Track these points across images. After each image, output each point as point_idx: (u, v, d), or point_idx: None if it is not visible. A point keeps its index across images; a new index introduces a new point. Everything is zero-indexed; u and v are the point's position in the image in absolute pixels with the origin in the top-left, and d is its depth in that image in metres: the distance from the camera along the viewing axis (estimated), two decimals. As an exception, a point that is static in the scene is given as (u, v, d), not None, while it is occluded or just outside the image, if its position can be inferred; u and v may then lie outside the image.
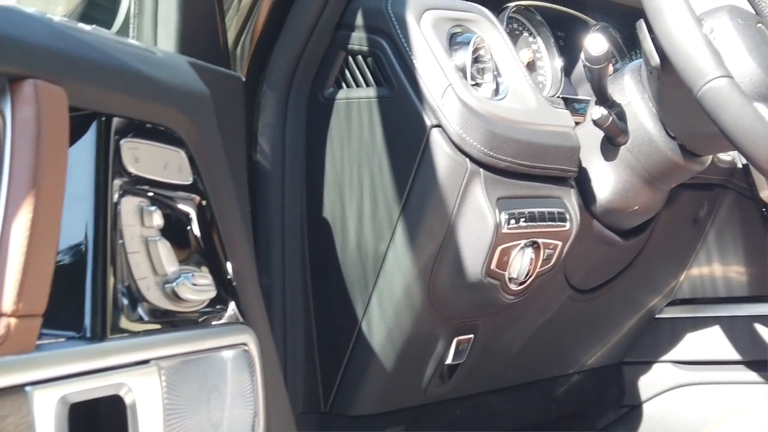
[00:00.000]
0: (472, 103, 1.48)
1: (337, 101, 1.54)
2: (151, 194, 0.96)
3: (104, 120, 0.91)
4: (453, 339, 1.63)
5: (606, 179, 1.70)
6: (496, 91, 1.56)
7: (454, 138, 1.47)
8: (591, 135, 1.69)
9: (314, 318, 1.57)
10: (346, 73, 1.54)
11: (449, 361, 1.65)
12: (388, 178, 1.51)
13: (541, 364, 1.97)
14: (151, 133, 0.97)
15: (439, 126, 1.47)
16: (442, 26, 1.52)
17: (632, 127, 1.68)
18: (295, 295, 1.55)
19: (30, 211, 0.77)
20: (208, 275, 1.02)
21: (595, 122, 1.65)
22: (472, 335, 1.66)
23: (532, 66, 1.77)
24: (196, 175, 1.03)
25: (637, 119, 1.67)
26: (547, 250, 1.58)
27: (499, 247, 1.51)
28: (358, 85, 1.53)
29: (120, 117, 0.93)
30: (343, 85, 1.54)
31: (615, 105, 1.67)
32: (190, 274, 0.97)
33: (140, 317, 0.92)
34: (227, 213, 1.07)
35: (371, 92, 1.52)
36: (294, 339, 1.55)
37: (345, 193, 1.54)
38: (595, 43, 1.59)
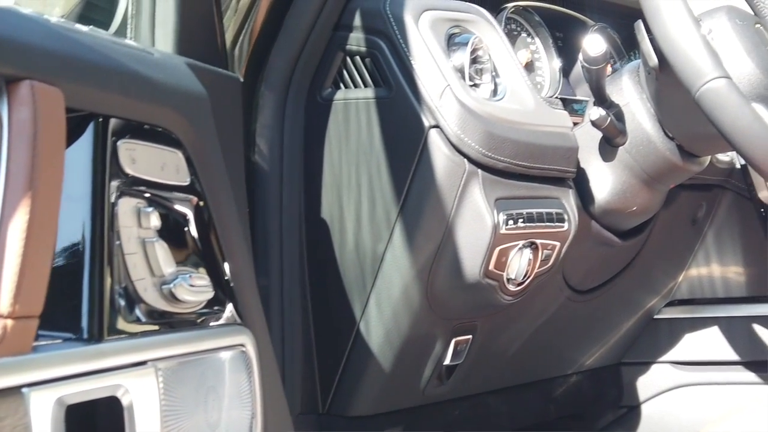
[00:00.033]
0: (470, 103, 1.48)
1: (335, 102, 1.54)
2: (149, 195, 0.96)
3: (101, 121, 0.91)
4: (451, 340, 1.63)
5: (604, 180, 1.70)
6: (495, 92, 1.55)
7: (452, 139, 1.47)
8: (589, 136, 1.69)
9: (312, 319, 1.57)
10: (344, 74, 1.54)
11: (447, 361, 1.65)
12: (386, 179, 1.50)
13: (539, 364, 1.97)
14: (149, 134, 0.97)
15: (437, 127, 1.47)
16: (441, 27, 1.52)
17: (630, 128, 1.68)
18: (293, 295, 1.55)
19: (26, 212, 0.77)
20: (206, 276, 1.02)
21: (594, 123, 1.65)
22: (470, 336, 1.66)
23: (530, 66, 1.77)
24: (193, 176, 1.03)
25: (636, 120, 1.67)
26: (545, 251, 1.58)
27: (498, 248, 1.51)
28: (356, 86, 1.53)
29: (117, 118, 0.92)
30: (341, 86, 1.54)
31: (613, 106, 1.67)
32: (188, 275, 0.97)
33: (137, 318, 0.92)
34: (225, 214, 1.07)
35: (369, 93, 1.52)
36: (292, 340, 1.55)
37: (343, 193, 1.54)
38: (594, 43, 1.59)
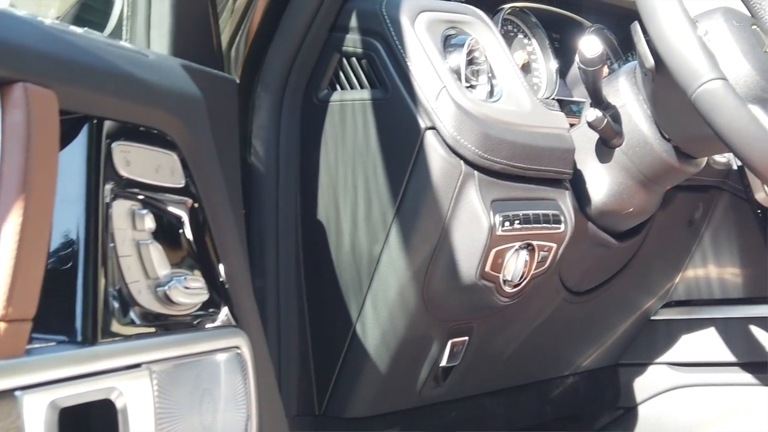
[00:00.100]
0: (467, 105, 1.48)
1: (331, 103, 1.54)
2: (143, 197, 0.96)
3: (95, 123, 0.90)
4: (447, 341, 1.63)
5: (601, 181, 1.70)
6: (491, 93, 1.55)
7: (449, 140, 1.47)
8: (586, 137, 1.69)
9: (308, 320, 1.57)
10: (341, 75, 1.54)
11: (444, 363, 1.65)
12: (383, 180, 1.50)
13: (536, 366, 1.97)
14: (143, 136, 0.97)
15: (433, 128, 1.47)
16: (437, 28, 1.52)
17: (627, 129, 1.67)
18: (289, 297, 1.55)
19: (20, 215, 0.77)
20: (201, 278, 1.01)
21: (590, 124, 1.65)
22: (466, 337, 1.66)
23: (526, 68, 1.77)
24: (188, 177, 1.02)
25: (632, 121, 1.67)
26: (541, 253, 1.58)
27: (494, 250, 1.51)
28: (352, 87, 1.53)
29: (111, 120, 0.92)
30: (338, 87, 1.54)
31: (610, 107, 1.67)
32: (183, 278, 0.97)
33: (132, 321, 0.92)
34: (220, 216, 1.07)
35: (365, 94, 1.51)
36: (288, 341, 1.55)
37: (339, 195, 1.54)
38: (590, 45, 1.59)
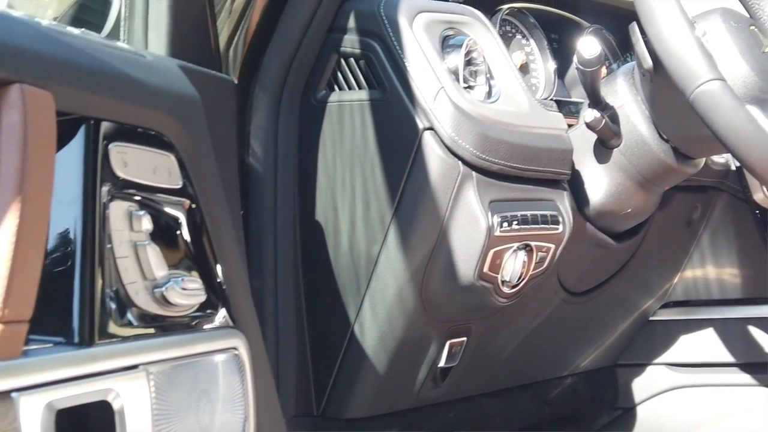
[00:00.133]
0: (465, 105, 1.48)
1: (329, 104, 1.54)
2: (140, 198, 0.95)
3: (92, 124, 0.90)
4: (446, 342, 1.63)
5: (599, 182, 1.70)
6: (489, 94, 1.55)
7: (447, 141, 1.47)
8: (584, 138, 1.69)
9: (306, 321, 1.56)
10: (339, 76, 1.54)
11: (442, 364, 1.65)
12: (381, 181, 1.50)
13: (534, 366, 1.97)
14: (140, 137, 0.97)
15: (431, 129, 1.47)
16: (435, 29, 1.52)
17: (625, 130, 1.67)
18: (287, 297, 1.55)
19: (16, 216, 0.77)
20: (198, 279, 1.01)
21: (588, 125, 1.65)
22: (464, 338, 1.66)
23: (525, 68, 1.77)
24: (185, 179, 1.02)
25: (630, 122, 1.67)
26: (539, 253, 1.58)
27: (492, 250, 1.51)
28: (350, 88, 1.53)
29: (108, 121, 0.92)
30: (336, 88, 1.54)
31: (608, 108, 1.67)
32: (180, 279, 0.97)
33: (129, 322, 0.92)
34: (217, 216, 1.07)
35: (363, 95, 1.51)
36: (286, 342, 1.55)
37: (337, 195, 1.54)
38: (588, 45, 1.59)
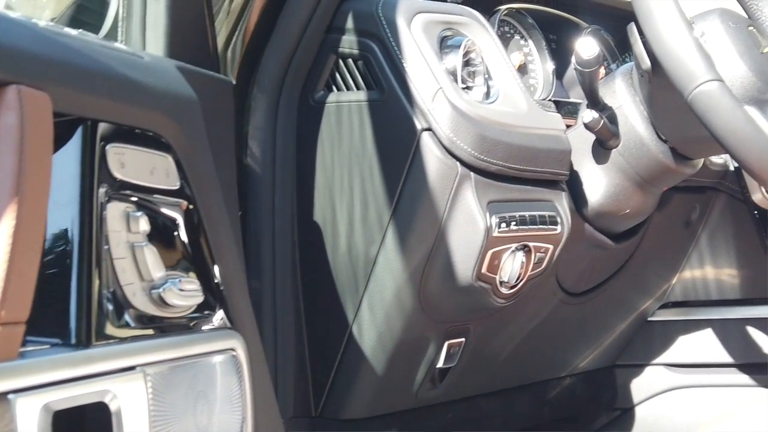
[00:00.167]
0: (463, 106, 1.48)
1: (327, 104, 1.54)
2: (138, 199, 0.95)
3: (89, 125, 0.90)
4: (444, 342, 1.63)
5: (597, 182, 1.70)
6: (487, 95, 1.55)
7: (445, 141, 1.47)
8: (582, 138, 1.69)
9: (305, 321, 1.56)
10: (337, 77, 1.54)
11: (440, 364, 1.65)
12: (379, 182, 1.50)
13: (533, 367, 1.97)
14: (138, 138, 0.97)
15: (429, 129, 1.47)
16: (433, 29, 1.52)
17: (623, 131, 1.67)
18: (285, 298, 1.55)
19: (13, 218, 0.77)
20: (196, 280, 1.01)
21: (587, 126, 1.65)
22: (463, 339, 1.66)
23: (523, 69, 1.77)
24: (183, 179, 1.02)
25: (629, 122, 1.67)
26: (538, 254, 1.58)
27: (490, 251, 1.51)
28: (348, 89, 1.53)
29: (106, 122, 0.92)
30: (334, 89, 1.54)
31: (606, 108, 1.67)
32: (177, 280, 0.97)
33: (126, 323, 0.92)
34: (215, 217, 1.07)
35: (362, 96, 1.51)
36: (284, 342, 1.55)
37: (336, 196, 1.54)
38: (586, 46, 1.59)
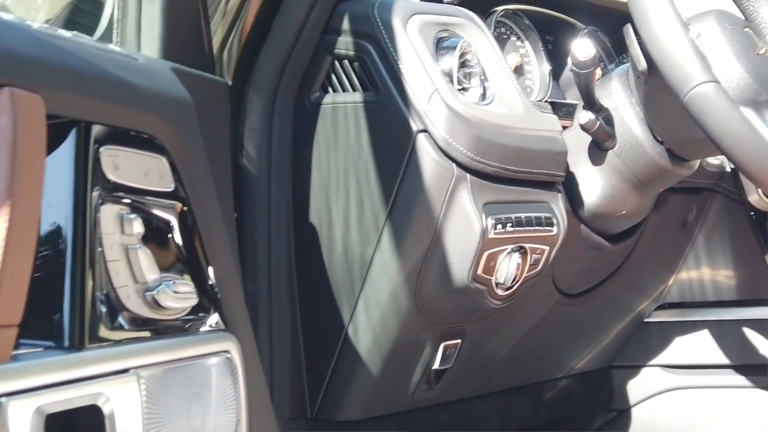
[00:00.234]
0: (459, 108, 1.48)
1: (323, 106, 1.54)
2: (132, 201, 0.95)
3: (83, 127, 0.90)
4: (440, 344, 1.63)
5: (594, 184, 1.70)
6: (483, 96, 1.55)
7: (441, 143, 1.47)
8: (578, 139, 1.69)
9: (300, 323, 1.56)
10: (333, 78, 1.54)
11: (436, 366, 1.65)
12: (375, 183, 1.50)
13: (529, 368, 1.97)
14: (132, 140, 0.97)
15: (425, 131, 1.47)
16: (429, 31, 1.52)
17: (620, 132, 1.67)
18: (281, 300, 1.55)
19: (6, 220, 0.77)
20: (190, 283, 1.01)
21: (583, 127, 1.65)
22: (459, 340, 1.66)
23: (519, 70, 1.77)
24: (177, 181, 1.02)
25: (625, 124, 1.67)
26: (534, 255, 1.58)
27: (486, 252, 1.51)
28: (344, 90, 1.53)
29: (99, 124, 0.92)
30: (330, 90, 1.54)
31: (602, 109, 1.67)
32: (172, 282, 0.97)
33: (120, 326, 0.91)
34: (209, 219, 1.07)
35: (357, 97, 1.51)
36: (280, 344, 1.55)
37: (331, 197, 1.53)
38: (582, 47, 1.59)
